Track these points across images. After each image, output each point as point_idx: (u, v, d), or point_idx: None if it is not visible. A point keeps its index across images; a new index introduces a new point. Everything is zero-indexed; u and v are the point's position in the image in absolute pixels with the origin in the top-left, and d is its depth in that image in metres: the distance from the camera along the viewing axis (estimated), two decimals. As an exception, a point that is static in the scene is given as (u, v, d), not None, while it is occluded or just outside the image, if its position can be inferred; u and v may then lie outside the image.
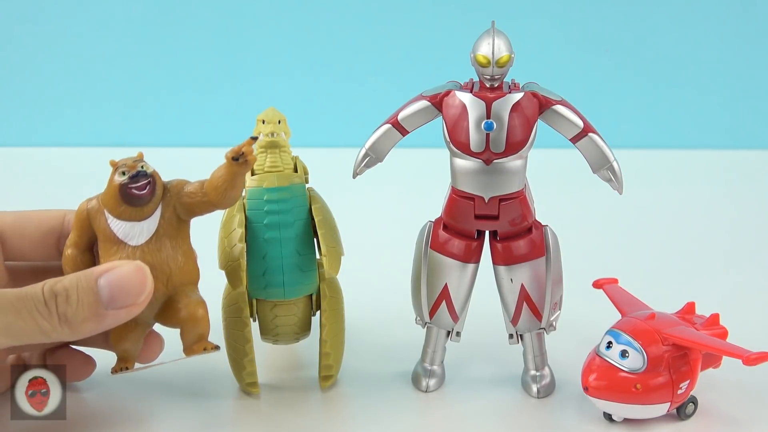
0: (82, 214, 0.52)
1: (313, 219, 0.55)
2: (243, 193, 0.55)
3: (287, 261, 0.54)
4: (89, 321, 0.48)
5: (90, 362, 0.58)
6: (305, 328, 0.58)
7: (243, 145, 0.50)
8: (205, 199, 0.51)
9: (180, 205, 0.52)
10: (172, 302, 0.52)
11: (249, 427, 0.55)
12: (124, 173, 0.50)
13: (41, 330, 0.47)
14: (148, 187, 0.50)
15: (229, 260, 0.54)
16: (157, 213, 0.51)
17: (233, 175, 0.51)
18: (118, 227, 0.51)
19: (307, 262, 0.55)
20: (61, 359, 0.57)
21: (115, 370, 0.52)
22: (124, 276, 0.48)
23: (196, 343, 0.51)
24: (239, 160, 0.50)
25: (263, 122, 0.56)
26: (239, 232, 0.54)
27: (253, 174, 0.55)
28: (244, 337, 0.56)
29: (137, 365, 0.54)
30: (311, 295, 0.57)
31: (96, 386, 0.59)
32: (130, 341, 0.52)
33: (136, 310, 0.49)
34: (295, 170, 0.56)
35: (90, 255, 0.53)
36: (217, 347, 0.51)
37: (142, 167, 0.50)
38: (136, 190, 0.50)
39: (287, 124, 0.56)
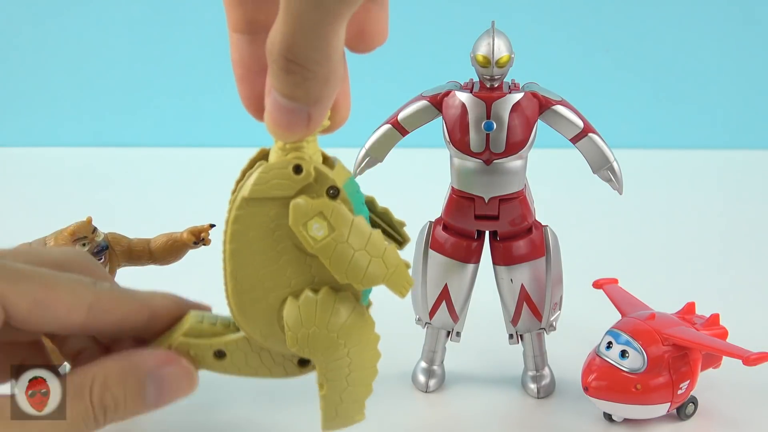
0: None
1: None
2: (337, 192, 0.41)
3: None
4: (123, 420, 0.43)
5: None
6: None
7: (203, 229, 0.56)
8: (150, 261, 0.57)
9: (122, 260, 0.56)
10: None
11: (249, 427, 0.55)
12: (84, 245, 0.53)
13: None
14: (104, 255, 0.54)
15: (391, 266, 0.44)
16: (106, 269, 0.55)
17: (184, 251, 0.56)
18: None
19: None
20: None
21: None
22: (174, 380, 0.44)
23: None
24: (198, 244, 0.56)
25: None
26: (379, 232, 0.43)
27: (323, 162, 0.43)
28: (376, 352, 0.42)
29: None
30: None
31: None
32: None
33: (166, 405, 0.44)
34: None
35: None
36: None
37: (100, 238, 0.54)
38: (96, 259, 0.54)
39: None
